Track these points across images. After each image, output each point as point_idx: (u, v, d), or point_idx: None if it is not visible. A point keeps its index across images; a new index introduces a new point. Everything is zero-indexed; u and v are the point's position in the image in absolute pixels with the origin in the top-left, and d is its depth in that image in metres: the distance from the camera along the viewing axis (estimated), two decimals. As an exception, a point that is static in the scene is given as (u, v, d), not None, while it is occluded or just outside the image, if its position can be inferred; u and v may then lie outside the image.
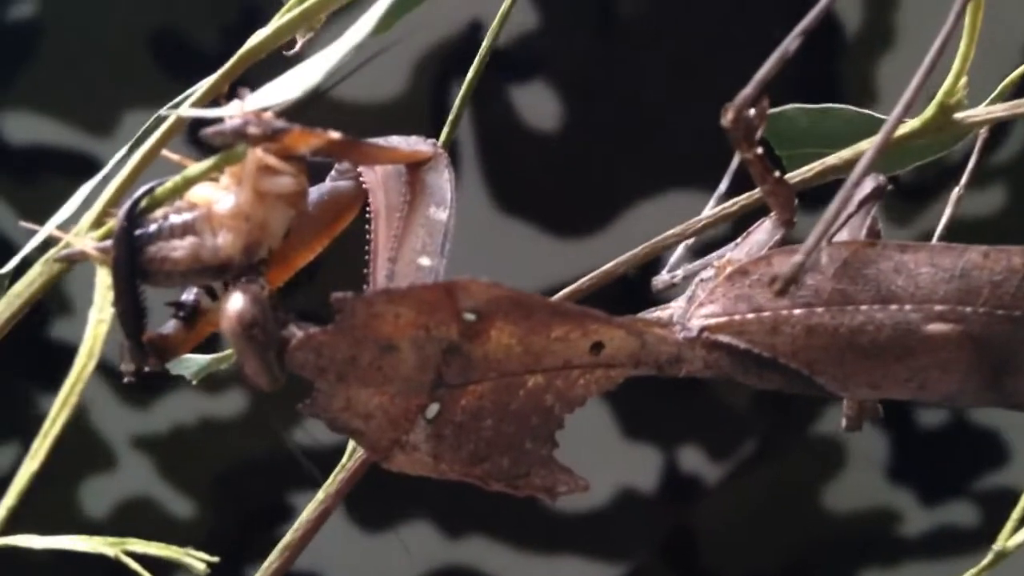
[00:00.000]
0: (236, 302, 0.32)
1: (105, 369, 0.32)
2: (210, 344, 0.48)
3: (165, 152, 0.36)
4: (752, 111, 0.33)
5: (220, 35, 1.03)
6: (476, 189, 1.06)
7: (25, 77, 1.06)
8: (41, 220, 0.37)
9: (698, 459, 1.16)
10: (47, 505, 0.54)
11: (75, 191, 0.40)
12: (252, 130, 0.31)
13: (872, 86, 1.04)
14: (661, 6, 1.06)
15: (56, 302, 1.07)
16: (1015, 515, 0.47)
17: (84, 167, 1.05)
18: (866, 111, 0.46)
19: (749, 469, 1.17)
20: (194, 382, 0.48)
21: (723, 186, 0.45)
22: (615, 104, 1.09)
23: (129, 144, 0.36)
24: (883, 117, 0.43)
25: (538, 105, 1.08)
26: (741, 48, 0.50)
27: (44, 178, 1.05)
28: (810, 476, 1.17)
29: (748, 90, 0.33)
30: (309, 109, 0.36)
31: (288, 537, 0.47)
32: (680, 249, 0.45)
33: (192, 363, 0.48)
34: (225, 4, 1.03)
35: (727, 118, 0.34)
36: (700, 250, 0.44)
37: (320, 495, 0.47)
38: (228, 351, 0.47)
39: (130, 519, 1.12)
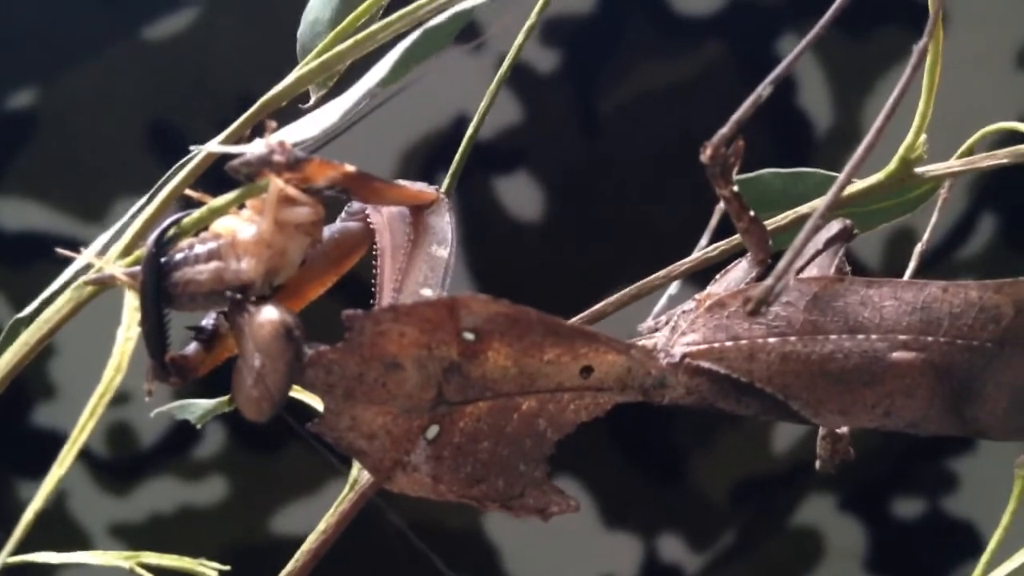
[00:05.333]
0: (272, 311, 0.34)
1: (85, 455, 0.33)
2: (213, 390, 0.50)
3: (188, 191, 0.39)
4: (728, 150, 0.37)
5: (216, 128, 1.06)
6: (459, 276, 1.08)
7: (20, 165, 1.09)
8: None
9: (678, 549, 1.17)
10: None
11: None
12: (277, 158, 0.34)
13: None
14: (641, 101, 1.11)
15: (39, 388, 1.08)
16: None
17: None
18: (835, 173, 0.49)
19: (729, 559, 1.18)
20: (199, 426, 0.50)
21: (704, 241, 0.48)
22: (596, 194, 1.13)
23: (156, 185, 0.39)
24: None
25: (521, 195, 1.12)
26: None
27: (37, 264, 1.07)
28: (789, 567, 1.18)
29: (724, 130, 0.36)
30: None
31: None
32: (664, 299, 0.48)
33: (197, 408, 0.50)
34: (221, 97, 1.07)
35: (706, 155, 0.37)
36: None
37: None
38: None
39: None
